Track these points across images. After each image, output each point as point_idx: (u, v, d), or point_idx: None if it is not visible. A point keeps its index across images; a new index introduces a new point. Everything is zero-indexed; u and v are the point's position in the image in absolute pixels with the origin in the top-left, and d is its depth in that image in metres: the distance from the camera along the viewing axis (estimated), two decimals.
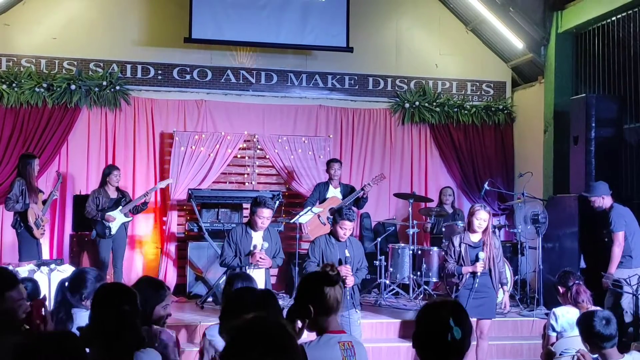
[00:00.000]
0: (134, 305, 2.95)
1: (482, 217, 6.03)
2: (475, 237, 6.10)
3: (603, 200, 7.20)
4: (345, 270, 5.66)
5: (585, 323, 4.03)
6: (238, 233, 6.05)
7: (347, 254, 5.80)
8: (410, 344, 6.99)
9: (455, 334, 2.38)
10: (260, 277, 5.85)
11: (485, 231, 6.07)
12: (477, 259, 6.01)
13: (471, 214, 6.11)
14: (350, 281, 5.68)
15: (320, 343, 2.98)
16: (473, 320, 6.08)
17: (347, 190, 8.86)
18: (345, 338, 3.03)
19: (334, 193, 8.75)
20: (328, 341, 2.98)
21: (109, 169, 8.46)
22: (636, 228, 7.11)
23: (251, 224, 6.05)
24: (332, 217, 8.52)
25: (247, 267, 5.91)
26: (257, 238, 6.03)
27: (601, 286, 6.97)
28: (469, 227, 6.12)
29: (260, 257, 5.89)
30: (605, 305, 6.85)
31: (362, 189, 8.66)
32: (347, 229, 5.77)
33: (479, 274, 5.99)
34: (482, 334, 6.17)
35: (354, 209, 8.51)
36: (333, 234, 5.87)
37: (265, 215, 5.93)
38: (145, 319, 3.38)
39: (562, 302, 5.22)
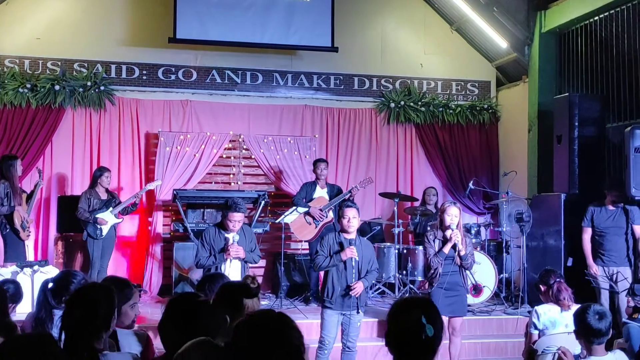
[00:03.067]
0: (89, 310, 2.92)
1: (453, 213, 6.09)
2: (447, 234, 6.14)
3: None
4: (350, 252, 5.69)
5: (579, 315, 4.05)
6: (211, 234, 6.05)
7: (355, 254, 5.80)
8: (381, 344, 6.91)
9: (428, 331, 2.40)
10: (237, 271, 5.91)
11: (457, 227, 6.12)
12: (446, 240, 6.09)
13: (442, 211, 6.18)
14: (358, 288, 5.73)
15: None
16: (445, 318, 6.14)
17: (334, 190, 8.85)
18: None
19: (320, 193, 8.74)
20: None
21: (100, 171, 8.42)
22: None
23: (223, 226, 6.05)
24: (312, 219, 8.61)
25: (222, 263, 5.91)
26: (230, 237, 6.02)
27: (584, 283, 7.06)
28: (441, 225, 6.17)
29: (235, 250, 5.89)
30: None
31: (350, 192, 8.67)
32: (349, 216, 5.79)
33: (458, 243, 6.02)
34: (455, 330, 6.22)
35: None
36: (342, 229, 5.90)
37: (236, 218, 5.93)
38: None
39: (544, 300, 5.26)
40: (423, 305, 2.50)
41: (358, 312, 5.82)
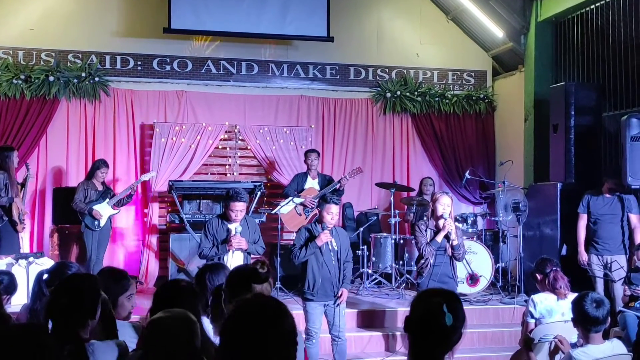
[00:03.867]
0: (74, 299, 2.92)
1: (446, 203, 6.06)
2: (440, 223, 6.11)
3: None
4: (325, 237, 5.74)
5: (577, 303, 4.05)
6: (214, 225, 6.06)
7: (334, 243, 5.84)
8: (369, 334, 6.96)
9: (447, 319, 2.41)
10: (239, 262, 5.88)
11: (449, 216, 6.10)
12: (438, 229, 6.06)
13: (434, 200, 6.14)
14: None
15: None
16: None
17: (325, 181, 8.85)
18: None
19: (311, 184, 8.75)
20: None
21: (100, 164, 8.41)
22: None
23: (226, 217, 6.05)
24: (306, 209, 8.60)
25: (225, 254, 5.92)
26: (232, 228, 6.04)
27: (580, 272, 7.09)
28: (433, 214, 6.14)
29: (237, 242, 5.90)
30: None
31: (339, 182, 8.66)
32: (334, 213, 5.82)
33: (451, 233, 5.99)
34: None
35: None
36: (320, 221, 5.88)
37: (238, 208, 5.94)
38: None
39: (540, 289, 5.27)
40: (447, 295, 2.53)
41: (337, 303, 5.84)
